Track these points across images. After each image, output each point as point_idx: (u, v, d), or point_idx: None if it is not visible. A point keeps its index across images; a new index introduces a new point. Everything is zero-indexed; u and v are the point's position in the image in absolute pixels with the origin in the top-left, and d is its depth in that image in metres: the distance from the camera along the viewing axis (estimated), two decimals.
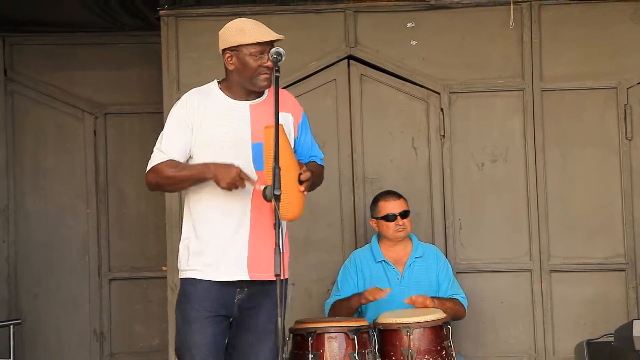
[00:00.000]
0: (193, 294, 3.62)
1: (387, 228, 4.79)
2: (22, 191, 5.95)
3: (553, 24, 5.30)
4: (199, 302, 3.60)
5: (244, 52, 3.60)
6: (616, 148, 5.26)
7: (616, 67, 5.27)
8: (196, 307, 3.60)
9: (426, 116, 5.34)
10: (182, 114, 3.64)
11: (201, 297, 3.60)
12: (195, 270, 3.63)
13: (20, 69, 5.97)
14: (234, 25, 3.66)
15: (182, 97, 3.71)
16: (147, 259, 5.90)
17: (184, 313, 3.64)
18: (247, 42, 3.60)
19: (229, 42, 3.64)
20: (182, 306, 3.66)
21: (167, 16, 5.35)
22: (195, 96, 3.67)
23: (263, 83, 3.64)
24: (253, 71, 3.61)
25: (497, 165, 5.30)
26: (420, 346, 4.28)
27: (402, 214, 4.79)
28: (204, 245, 3.62)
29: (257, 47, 3.60)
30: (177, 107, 3.68)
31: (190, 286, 3.64)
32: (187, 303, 3.63)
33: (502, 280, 5.25)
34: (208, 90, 3.71)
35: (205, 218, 3.63)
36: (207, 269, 3.61)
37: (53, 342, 5.89)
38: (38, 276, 5.91)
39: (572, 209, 5.26)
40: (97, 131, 5.98)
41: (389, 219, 4.78)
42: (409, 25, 5.36)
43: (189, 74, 5.31)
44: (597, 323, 5.12)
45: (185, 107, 3.65)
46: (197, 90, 3.72)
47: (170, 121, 3.67)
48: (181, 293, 3.69)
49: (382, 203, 4.83)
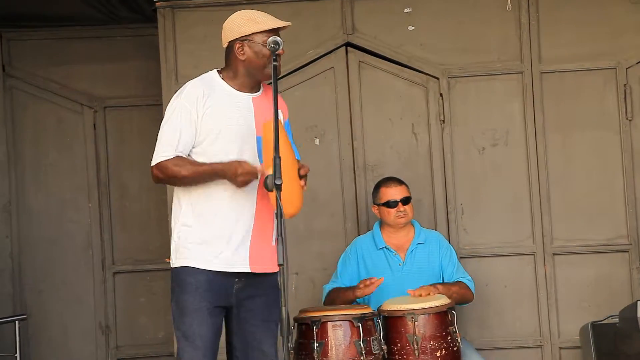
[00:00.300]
0: (192, 284, 3.56)
1: (388, 214, 4.77)
2: (23, 187, 5.94)
3: (550, 5, 5.27)
4: (199, 292, 3.55)
5: (256, 41, 3.58)
6: (616, 128, 5.24)
7: (615, 48, 5.24)
8: (197, 297, 3.55)
9: (426, 101, 5.31)
10: (186, 105, 3.58)
11: (202, 287, 3.55)
12: (196, 259, 3.57)
13: (19, 64, 5.95)
14: (242, 15, 3.65)
15: (186, 87, 3.63)
16: (150, 251, 5.89)
17: (182, 303, 3.57)
18: (259, 30, 3.59)
19: (239, 31, 3.61)
20: (180, 296, 3.58)
21: (164, 8, 5.33)
22: (200, 86, 3.61)
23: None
24: (266, 59, 3.59)
25: (497, 149, 5.28)
26: (425, 332, 4.27)
27: (403, 200, 4.77)
28: (206, 234, 3.57)
29: (269, 34, 3.58)
30: (182, 98, 3.60)
31: (189, 276, 3.57)
32: (185, 293, 3.56)
33: (505, 265, 5.24)
34: (210, 80, 3.66)
35: (209, 207, 3.58)
36: (209, 259, 3.56)
37: (58, 337, 5.89)
38: (42, 271, 5.91)
39: (574, 190, 5.24)
40: (96, 125, 5.97)
41: (390, 205, 4.76)
42: (406, 11, 5.33)
43: (186, 65, 5.30)
44: (601, 305, 5.11)
45: (190, 98, 3.58)
46: (201, 80, 3.66)
47: (174, 112, 3.59)
48: (177, 282, 3.60)
49: (384, 189, 4.81)
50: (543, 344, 5.21)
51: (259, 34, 3.59)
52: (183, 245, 3.60)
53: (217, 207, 3.57)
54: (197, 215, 3.60)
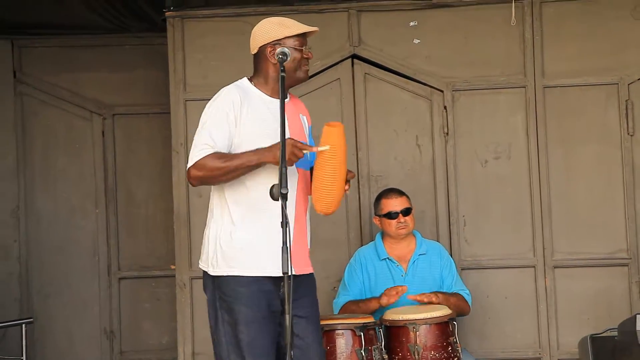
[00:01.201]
0: (246, 295, 3.51)
1: (389, 225, 4.76)
2: (32, 192, 5.95)
3: (554, 20, 5.27)
4: (255, 302, 3.50)
5: (287, 44, 3.61)
6: (618, 143, 5.23)
7: (617, 63, 5.24)
8: (254, 308, 3.50)
9: (430, 114, 5.30)
10: (224, 109, 3.56)
11: (256, 296, 3.49)
12: (245, 267, 3.52)
13: (29, 71, 5.97)
14: (272, 21, 3.69)
15: (221, 93, 3.62)
16: (156, 258, 5.89)
17: (237, 314, 3.51)
18: (290, 34, 3.63)
19: (270, 36, 3.63)
20: (235, 307, 3.52)
21: (173, 18, 5.33)
22: (235, 92, 3.60)
23: (303, 75, 3.68)
24: (298, 62, 3.63)
25: (500, 162, 5.27)
26: (426, 342, 4.25)
27: (403, 211, 4.76)
28: (251, 240, 3.53)
29: (300, 39, 3.64)
30: (219, 102, 3.59)
31: (241, 286, 3.51)
32: (241, 305, 3.51)
33: (506, 276, 5.23)
34: (243, 87, 3.66)
35: (252, 212, 3.53)
36: (256, 266, 3.51)
37: (64, 341, 5.90)
38: (49, 276, 5.91)
39: (575, 204, 5.23)
40: (105, 132, 5.97)
41: (391, 217, 4.75)
42: (412, 24, 5.33)
43: (195, 75, 5.31)
44: (601, 318, 5.09)
45: (228, 102, 3.57)
46: (236, 87, 3.65)
47: (213, 115, 3.58)
48: (228, 293, 3.54)
49: (385, 201, 4.80)
50: (542, 356, 5.20)
51: (290, 38, 3.62)
52: (228, 252, 3.55)
53: (260, 212, 3.53)
54: (240, 222, 3.56)
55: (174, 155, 5.30)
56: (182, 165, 5.27)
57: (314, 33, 3.69)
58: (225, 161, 3.50)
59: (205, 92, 5.25)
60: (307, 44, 3.67)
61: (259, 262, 3.52)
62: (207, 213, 3.68)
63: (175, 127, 5.29)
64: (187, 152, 5.15)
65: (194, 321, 5.24)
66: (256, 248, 3.53)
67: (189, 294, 5.24)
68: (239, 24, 5.32)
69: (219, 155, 3.52)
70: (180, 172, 5.27)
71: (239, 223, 3.56)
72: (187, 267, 5.25)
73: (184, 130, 5.28)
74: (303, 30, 3.65)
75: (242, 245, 3.55)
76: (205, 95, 5.20)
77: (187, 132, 5.27)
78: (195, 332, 5.24)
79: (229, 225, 3.57)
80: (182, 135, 5.27)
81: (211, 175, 3.53)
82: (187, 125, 5.27)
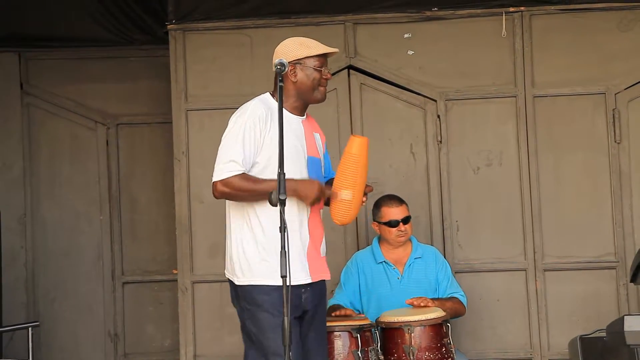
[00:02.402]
0: (269, 302, 3.56)
1: (389, 233, 4.77)
2: (38, 199, 5.96)
3: (543, 33, 5.31)
4: (277, 308, 3.51)
5: (307, 64, 3.65)
6: (606, 151, 5.26)
7: (604, 74, 5.27)
8: (276, 314, 3.52)
9: (424, 123, 5.33)
10: (250, 124, 3.58)
11: (278, 303, 3.48)
12: (268, 277, 3.56)
13: (36, 82, 5.98)
14: (294, 41, 3.72)
15: (249, 107, 3.64)
16: (158, 263, 5.90)
17: (261, 322, 3.57)
18: (312, 54, 3.67)
19: (292, 55, 3.66)
20: (258, 315, 3.58)
21: (175, 30, 5.36)
22: (262, 107, 3.63)
23: (320, 96, 3.72)
24: (316, 83, 3.67)
25: (492, 169, 5.30)
26: (421, 343, 4.26)
27: (404, 220, 4.77)
28: (272, 251, 3.56)
29: (320, 59, 3.68)
30: (246, 117, 3.60)
31: (264, 295, 3.57)
32: (264, 312, 3.56)
33: (498, 279, 5.25)
34: (267, 102, 3.68)
35: (272, 223, 3.54)
36: (276, 275, 3.45)
37: (69, 344, 5.89)
38: (54, 280, 5.92)
39: (565, 210, 5.26)
40: (109, 141, 5.99)
41: (392, 225, 4.76)
42: (406, 36, 5.36)
43: (196, 86, 5.33)
44: (590, 319, 5.12)
45: (253, 118, 3.59)
46: (260, 102, 3.67)
47: (239, 130, 3.59)
48: (251, 302, 3.60)
49: (385, 209, 4.78)
50: (533, 356, 5.22)
51: (310, 58, 3.67)
52: (249, 262, 3.60)
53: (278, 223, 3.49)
54: (259, 234, 3.60)
55: (175, 163, 5.31)
56: (183, 173, 5.29)
57: (333, 54, 3.73)
58: (252, 185, 3.56)
59: (205, 102, 5.31)
60: (327, 65, 3.69)
61: (276, 272, 3.46)
62: (226, 223, 3.71)
63: (177, 136, 5.31)
64: (189, 160, 5.26)
65: (196, 324, 5.26)
66: (276, 258, 3.49)
67: (191, 298, 5.25)
68: (239, 36, 5.36)
69: (246, 177, 3.56)
70: (181, 179, 5.29)
71: (259, 234, 3.61)
72: (189, 272, 5.27)
73: (186, 139, 5.30)
74: (324, 51, 3.68)
75: (263, 256, 3.60)
76: (206, 105, 5.30)
77: (188, 141, 5.29)
78: (196, 335, 5.25)
79: (249, 236, 3.62)
80: (184, 144, 5.30)
81: (236, 195, 3.60)
82: (188, 134, 5.29)
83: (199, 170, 5.20)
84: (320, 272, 3.73)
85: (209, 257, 5.23)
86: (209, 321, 5.26)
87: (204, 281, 5.25)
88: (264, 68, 4.74)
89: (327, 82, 3.71)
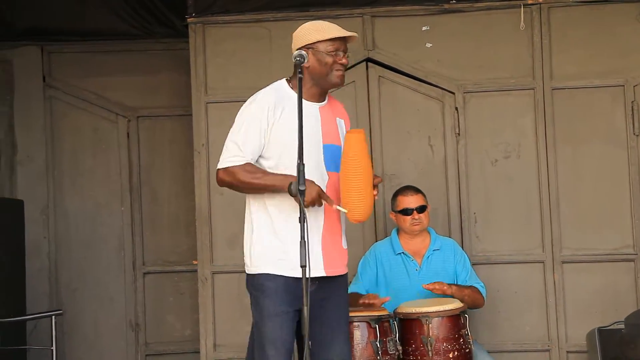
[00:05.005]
0: (272, 289, 3.49)
1: (404, 221, 4.74)
2: (61, 191, 5.96)
3: (562, 25, 5.23)
4: (279, 296, 3.47)
5: (319, 49, 3.53)
6: (624, 143, 5.19)
7: (623, 66, 5.20)
8: (277, 301, 3.47)
9: (442, 115, 5.28)
10: (258, 114, 3.50)
11: (281, 291, 3.47)
12: (274, 266, 3.50)
13: (58, 75, 5.98)
14: (310, 25, 3.60)
15: (258, 96, 3.56)
16: (179, 253, 5.88)
17: (262, 308, 3.50)
18: (323, 39, 3.53)
19: (305, 39, 3.55)
20: (260, 301, 3.51)
21: (195, 24, 5.33)
22: (272, 95, 3.54)
23: (337, 80, 3.57)
24: (329, 67, 3.54)
25: (510, 161, 5.24)
26: (438, 334, 4.23)
27: (418, 208, 4.73)
28: (282, 242, 3.50)
29: (333, 43, 3.54)
30: (255, 106, 3.53)
31: (268, 281, 3.50)
32: (266, 298, 3.50)
33: (516, 271, 5.19)
34: (280, 89, 3.58)
35: (284, 215, 3.50)
36: (286, 265, 3.48)
37: (91, 333, 5.90)
38: (77, 270, 5.92)
39: (582, 202, 5.19)
40: (130, 133, 5.97)
41: (406, 213, 4.73)
42: (424, 29, 5.30)
43: (215, 79, 5.31)
44: (608, 311, 5.05)
45: (263, 106, 3.51)
46: (273, 89, 3.58)
47: (247, 119, 3.52)
48: (257, 288, 3.53)
49: (401, 198, 4.77)
50: (551, 348, 5.16)
51: (322, 43, 3.53)
52: (261, 252, 3.53)
53: (291, 215, 3.47)
54: (272, 223, 3.53)
55: (195, 155, 5.29)
56: (203, 165, 5.27)
57: (353, 39, 3.58)
58: (254, 178, 3.47)
59: (225, 95, 5.28)
60: (346, 50, 3.55)
61: (290, 264, 3.47)
62: (244, 213, 3.64)
63: (197, 128, 5.29)
64: (209, 152, 5.24)
65: (216, 314, 5.24)
66: (289, 252, 3.47)
67: (211, 288, 5.23)
68: (258, 30, 5.32)
69: (250, 169, 3.48)
70: (201, 171, 5.27)
71: (275, 225, 3.52)
72: (209, 262, 5.25)
73: (205, 131, 5.28)
74: (336, 34, 3.54)
75: (274, 246, 3.52)
76: (226, 98, 5.26)
77: (208, 133, 5.27)
78: (216, 325, 5.23)
79: (265, 227, 3.54)
80: (204, 136, 5.27)
81: (237, 185, 3.53)
82: (208, 126, 5.27)
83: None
84: (336, 267, 3.62)
85: (228, 248, 5.21)
86: (228, 311, 5.23)
87: (224, 272, 5.23)
88: (282, 61, 4.71)
89: (343, 66, 3.55)
